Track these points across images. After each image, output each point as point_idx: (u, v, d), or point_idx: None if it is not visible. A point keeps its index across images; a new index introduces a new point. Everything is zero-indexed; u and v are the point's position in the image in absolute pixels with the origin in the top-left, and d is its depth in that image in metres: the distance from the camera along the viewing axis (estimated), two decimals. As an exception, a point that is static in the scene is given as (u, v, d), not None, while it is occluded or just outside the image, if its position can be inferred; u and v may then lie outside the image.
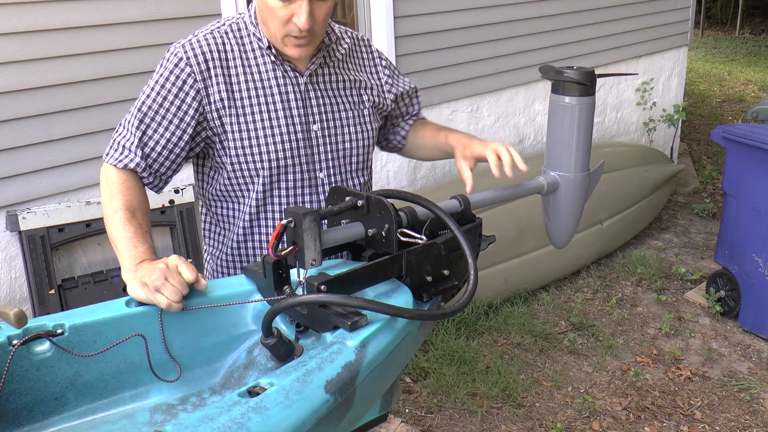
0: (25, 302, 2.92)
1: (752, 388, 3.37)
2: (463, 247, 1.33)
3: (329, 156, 1.69)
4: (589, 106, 1.78)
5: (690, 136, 7.46)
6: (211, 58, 1.56)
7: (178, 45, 1.57)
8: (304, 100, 1.64)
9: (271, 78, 1.61)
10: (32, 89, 2.76)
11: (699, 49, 12.71)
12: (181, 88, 1.54)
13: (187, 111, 1.55)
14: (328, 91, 1.68)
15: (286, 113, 1.62)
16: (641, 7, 5.52)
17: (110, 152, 1.57)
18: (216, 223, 1.76)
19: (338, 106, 1.70)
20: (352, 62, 1.76)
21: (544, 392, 3.32)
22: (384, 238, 1.33)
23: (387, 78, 1.83)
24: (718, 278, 4.01)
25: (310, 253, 1.23)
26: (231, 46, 1.59)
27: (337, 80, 1.71)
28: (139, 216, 1.49)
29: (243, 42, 1.61)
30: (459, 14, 4.23)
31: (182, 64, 1.54)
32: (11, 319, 1.12)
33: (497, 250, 3.82)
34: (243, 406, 0.97)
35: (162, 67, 1.57)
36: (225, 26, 1.62)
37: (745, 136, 3.63)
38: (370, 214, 1.35)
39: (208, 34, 1.59)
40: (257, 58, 1.61)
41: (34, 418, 1.18)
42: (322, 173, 1.68)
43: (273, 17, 1.50)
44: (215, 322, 1.32)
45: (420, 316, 1.24)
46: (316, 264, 1.25)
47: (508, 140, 4.83)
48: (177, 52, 1.55)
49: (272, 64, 1.61)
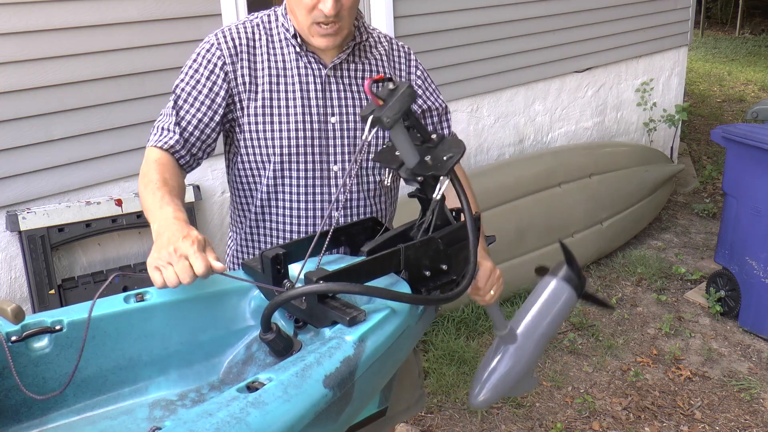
0: (25, 302, 2.93)
1: (752, 388, 3.36)
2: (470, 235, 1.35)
3: (345, 150, 1.68)
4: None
5: (690, 136, 7.46)
6: (240, 44, 1.62)
7: (211, 34, 1.65)
8: (324, 92, 1.65)
9: (293, 67, 1.64)
10: (32, 89, 2.77)
11: (699, 49, 12.72)
12: (212, 71, 1.61)
13: (218, 93, 1.61)
14: (351, 85, 1.68)
15: (304, 102, 1.63)
16: (641, 7, 5.53)
17: (151, 137, 1.62)
18: (234, 209, 1.80)
19: (360, 101, 1.69)
20: (387, 64, 1.75)
21: (544, 392, 3.32)
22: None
23: (417, 88, 1.80)
24: (718, 278, 4.01)
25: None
26: (260, 35, 1.65)
27: (363, 76, 1.70)
28: (170, 184, 1.49)
29: (271, 33, 1.66)
30: (459, 14, 4.23)
31: (213, 48, 1.61)
32: (9, 315, 1.13)
33: (497, 250, 3.82)
34: (242, 401, 0.97)
35: (195, 53, 1.64)
36: (257, 18, 1.68)
37: (745, 136, 3.63)
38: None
39: (240, 25, 1.65)
40: (283, 48, 1.65)
41: (33, 415, 1.18)
42: (336, 166, 1.68)
43: (300, 4, 1.53)
44: (214, 317, 1.32)
45: (417, 301, 1.26)
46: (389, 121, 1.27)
47: (508, 140, 4.83)
48: (210, 39, 1.64)
49: (296, 54, 1.64)
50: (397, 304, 1.24)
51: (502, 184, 4.02)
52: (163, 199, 1.41)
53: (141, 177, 1.55)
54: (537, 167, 4.37)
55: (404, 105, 1.29)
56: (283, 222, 1.71)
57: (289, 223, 1.70)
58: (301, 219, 1.70)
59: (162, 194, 1.43)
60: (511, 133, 4.85)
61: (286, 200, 1.68)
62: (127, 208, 3.01)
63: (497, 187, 4.00)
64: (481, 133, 4.60)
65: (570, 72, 5.15)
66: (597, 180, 4.56)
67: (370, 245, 1.37)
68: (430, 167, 1.35)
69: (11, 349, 1.15)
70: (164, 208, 1.38)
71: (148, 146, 1.62)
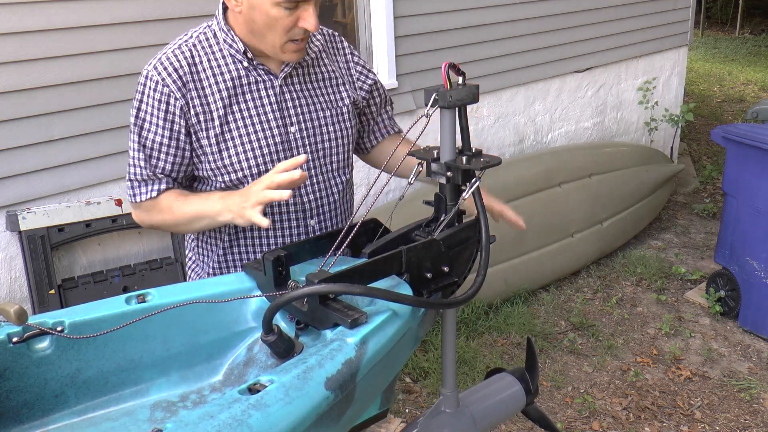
0: (25, 302, 2.92)
1: (752, 388, 3.36)
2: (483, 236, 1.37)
3: (309, 157, 1.67)
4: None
5: (690, 136, 7.46)
6: (183, 73, 1.56)
7: (150, 68, 1.57)
8: (279, 103, 1.63)
9: (244, 84, 1.60)
10: (32, 89, 2.76)
11: (699, 49, 12.72)
12: (167, 111, 1.56)
13: (180, 131, 1.58)
14: (304, 91, 1.67)
15: (261, 118, 1.61)
16: (641, 7, 5.53)
17: (136, 191, 1.62)
18: (202, 234, 1.75)
19: (315, 105, 1.68)
20: (328, 58, 1.73)
21: (544, 392, 3.32)
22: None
23: (359, 74, 1.80)
24: (718, 278, 4.01)
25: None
26: (200, 58, 1.58)
27: (313, 79, 1.68)
28: (186, 192, 1.64)
29: (213, 51, 1.60)
30: (459, 14, 4.24)
31: (160, 86, 1.55)
32: (12, 316, 1.12)
33: (497, 250, 3.82)
34: (243, 403, 0.97)
35: (144, 95, 1.58)
36: (192, 38, 1.61)
37: (745, 136, 3.63)
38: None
39: (176, 49, 1.58)
40: (228, 65, 1.59)
41: (35, 416, 1.18)
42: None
43: (275, 27, 1.49)
44: (215, 319, 1.32)
45: (419, 303, 1.27)
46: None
47: (507, 140, 4.83)
48: (152, 75, 1.56)
49: (245, 70, 1.60)
50: (399, 306, 1.24)
51: (502, 184, 4.02)
52: (200, 197, 1.58)
53: (168, 217, 1.61)
54: (537, 167, 4.37)
55: (467, 96, 1.38)
56: (259, 236, 1.70)
57: (266, 241, 1.70)
58: (276, 232, 1.69)
59: (194, 196, 1.59)
60: (511, 133, 4.86)
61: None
62: (127, 208, 3.01)
63: (497, 187, 3.99)
64: (481, 133, 4.60)
65: (570, 72, 5.15)
66: (597, 180, 4.56)
67: (372, 247, 1.37)
68: (466, 163, 1.39)
69: (13, 350, 1.15)
70: (210, 198, 1.55)
71: (143, 200, 1.61)
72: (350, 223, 1.43)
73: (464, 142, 1.43)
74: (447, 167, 1.39)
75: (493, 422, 1.72)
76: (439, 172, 1.41)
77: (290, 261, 1.34)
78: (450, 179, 1.40)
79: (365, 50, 3.95)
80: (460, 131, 1.43)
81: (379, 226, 1.54)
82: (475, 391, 1.74)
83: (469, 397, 1.69)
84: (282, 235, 1.70)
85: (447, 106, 1.36)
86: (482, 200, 1.41)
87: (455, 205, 1.42)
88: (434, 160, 1.41)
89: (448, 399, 1.63)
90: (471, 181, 1.39)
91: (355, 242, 1.46)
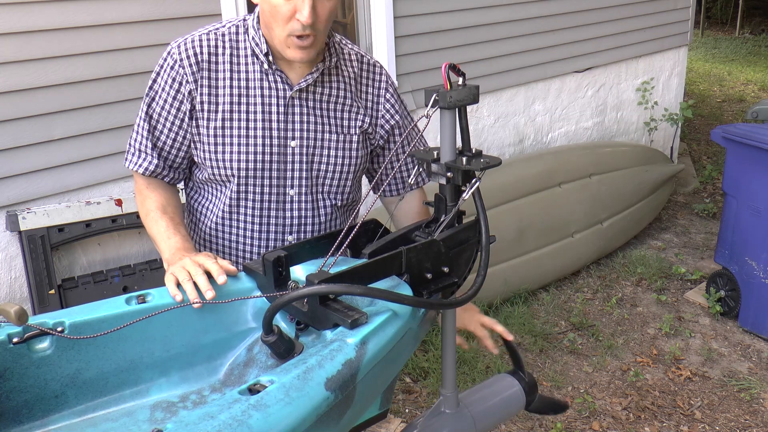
0: (25, 302, 2.92)
1: (752, 388, 3.37)
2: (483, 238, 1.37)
3: (302, 174, 1.65)
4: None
5: (690, 136, 7.46)
6: (201, 60, 1.58)
7: (174, 45, 1.60)
8: (287, 114, 1.61)
9: (256, 86, 1.60)
10: (32, 89, 2.77)
11: (699, 49, 12.71)
12: (178, 90, 1.60)
13: (185, 112, 1.61)
14: (315, 109, 1.64)
15: (265, 125, 1.60)
16: (641, 7, 5.53)
17: (130, 157, 1.68)
18: (192, 208, 1.77)
19: (323, 126, 1.65)
20: (355, 86, 1.70)
21: (544, 392, 3.32)
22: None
23: (386, 111, 1.74)
24: (718, 278, 4.01)
25: None
26: (223, 50, 1.59)
27: (330, 100, 1.66)
28: (170, 211, 1.63)
29: (237, 47, 1.60)
30: (459, 14, 4.24)
31: (177, 66, 1.59)
32: (12, 316, 1.12)
33: (497, 250, 3.82)
34: (243, 403, 0.97)
35: (162, 68, 1.62)
36: (224, 28, 1.62)
37: (745, 136, 3.63)
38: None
39: (205, 34, 1.60)
40: (248, 64, 1.60)
41: (35, 416, 1.18)
42: (293, 190, 1.66)
43: (276, 16, 1.49)
44: (216, 319, 1.32)
45: (419, 304, 1.27)
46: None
47: (507, 140, 4.83)
48: (173, 53, 1.59)
49: (262, 72, 1.59)
50: (399, 307, 1.24)
51: (502, 184, 4.02)
52: (168, 230, 1.55)
53: (139, 206, 1.66)
54: (537, 167, 4.37)
55: (467, 96, 1.39)
56: (236, 242, 1.70)
57: (242, 248, 1.70)
58: (254, 241, 1.69)
59: (165, 224, 1.57)
60: (511, 133, 4.86)
61: (244, 220, 1.67)
62: (127, 208, 3.01)
63: (497, 187, 4.00)
64: (481, 133, 4.60)
65: (570, 72, 5.15)
66: (597, 180, 4.56)
67: (372, 247, 1.37)
68: (466, 164, 1.39)
69: (13, 351, 1.15)
70: (171, 239, 1.52)
71: (130, 168, 1.67)
72: (350, 224, 1.44)
73: (464, 142, 1.43)
74: (447, 168, 1.39)
75: (493, 423, 1.72)
76: (439, 172, 1.41)
77: (290, 261, 1.34)
78: (450, 180, 1.40)
79: (365, 50, 3.95)
80: (460, 132, 1.43)
81: (379, 226, 1.54)
82: (475, 391, 1.75)
83: (468, 398, 1.69)
84: (259, 246, 1.70)
85: (447, 106, 1.37)
86: (482, 201, 1.41)
87: (455, 206, 1.42)
88: (434, 160, 1.42)
89: (448, 399, 1.63)
90: (471, 181, 1.39)
91: (355, 243, 1.46)
